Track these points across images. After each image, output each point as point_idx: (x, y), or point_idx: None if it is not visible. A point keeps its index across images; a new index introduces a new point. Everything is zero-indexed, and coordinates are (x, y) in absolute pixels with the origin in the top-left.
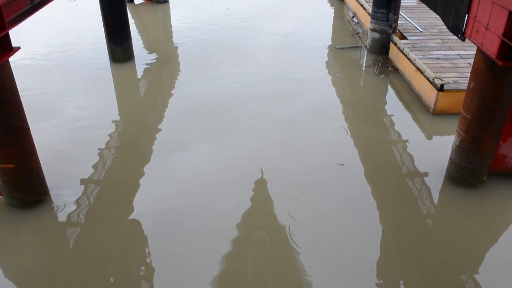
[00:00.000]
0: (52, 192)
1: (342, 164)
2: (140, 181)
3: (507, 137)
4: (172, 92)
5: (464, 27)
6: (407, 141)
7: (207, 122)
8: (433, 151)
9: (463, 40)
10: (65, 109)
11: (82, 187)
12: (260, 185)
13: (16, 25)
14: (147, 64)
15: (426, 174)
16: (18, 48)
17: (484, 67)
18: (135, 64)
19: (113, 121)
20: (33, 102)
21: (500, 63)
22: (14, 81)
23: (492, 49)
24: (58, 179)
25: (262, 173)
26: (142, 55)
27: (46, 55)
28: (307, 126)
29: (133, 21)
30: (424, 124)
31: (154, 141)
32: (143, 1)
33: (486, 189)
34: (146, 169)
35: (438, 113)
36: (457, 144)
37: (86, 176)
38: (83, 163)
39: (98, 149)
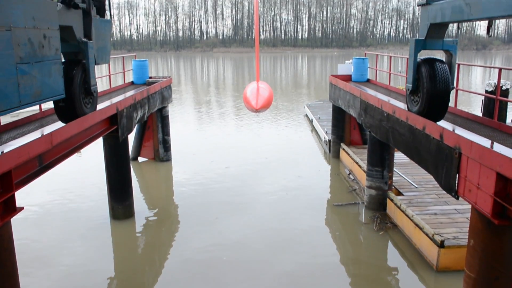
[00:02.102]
0: None
1: None
2: None
3: None
4: (170, 251)
5: (456, 186)
6: None
7: (205, 286)
8: None
9: (457, 198)
10: (60, 262)
11: None
12: None
13: (23, 186)
14: (147, 221)
15: None
16: (22, 208)
17: (481, 225)
18: (135, 221)
19: (108, 278)
20: (27, 251)
21: (496, 222)
22: (13, 242)
23: (486, 208)
24: None
25: None
26: (142, 212)
27: (46, 206)
28: (310, 285)
29: (136, 178)
30: (429, 284)
31: None
32: (147, 159)
33: None
34: None
35: (441, 270)
36: None
37: None
38: None
39: None
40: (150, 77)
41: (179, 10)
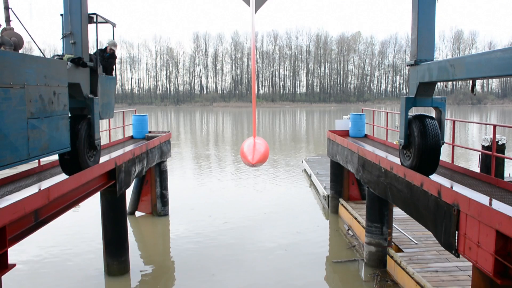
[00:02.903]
0: None
1: None
2: None
3: None
4: None
5: (456, 243)
6: None
7: None
8: None
9: (457, 256)
10: None
11: None
12: None
13: (17, 242)
14: (142, 278)
15: None
16: (14, 265)
17: (484, 284)
18: (130, 278)
19: None
20: None
21: (499, 281)
22: None
23: (487, 267)
24: None
25: None
26: (138, 268)
27: (38, 262)
28: None
29: (133, 233)
30: None
31: None
32: (144, 213)
33: None
34: None
35: None
36: None
37: None
38: None
39: None
40: (150, 132)
41: (180, 65)
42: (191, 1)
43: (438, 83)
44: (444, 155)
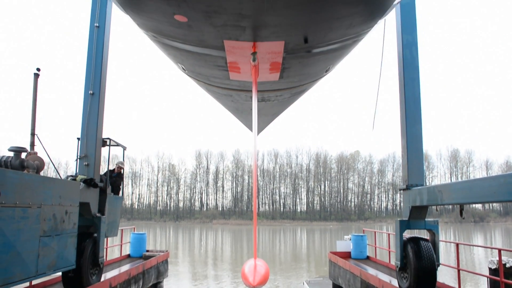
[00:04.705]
0: None
1: None
2: None
3: None
4: None
5: None
6: None
7: None
8: None
9: None
10: None
11: None
12: None
13: None
14: None
15: None
16: None
17: None
18: None
19: None
20: None
21: None
22: None
23: None
24: None
25: None
26: None
27: None
28: None
29: None
30: None
31: None
32: None
33: None
34: None
35: None
36: None
37: None
38: None
39: None
40: (147, 251)
41: (181, 181)
42: (195, 120)
43: None
44: (452, 278)
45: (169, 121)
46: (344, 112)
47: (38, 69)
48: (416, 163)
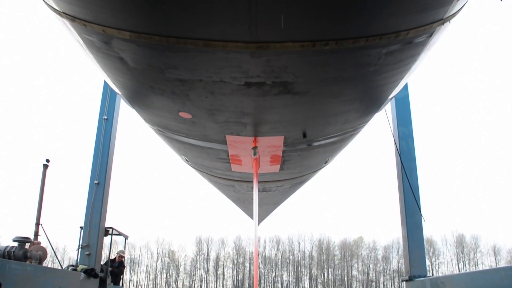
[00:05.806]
0: None
1: None
2: None
3: None
4: None
5: None
6: None
7: None
8: None
9: None
10: None
11: None
12: None
13: None
14: None
15: None
16: None
17: None
18: None
19: None
20: None
21: None
22: None
23: None
24: None
25: None
26: None
27: None
28: None
29: None
30: None
31: None
32: None
33: None
34: None
35: None
36: None
37: None
38: None
39: None
40: None
41: (180, 269)
42: (195, 206)
43: None
44: None
45: (170, 208)
46: (345, 198)
47: (48, 160)
48: (418, 253)
